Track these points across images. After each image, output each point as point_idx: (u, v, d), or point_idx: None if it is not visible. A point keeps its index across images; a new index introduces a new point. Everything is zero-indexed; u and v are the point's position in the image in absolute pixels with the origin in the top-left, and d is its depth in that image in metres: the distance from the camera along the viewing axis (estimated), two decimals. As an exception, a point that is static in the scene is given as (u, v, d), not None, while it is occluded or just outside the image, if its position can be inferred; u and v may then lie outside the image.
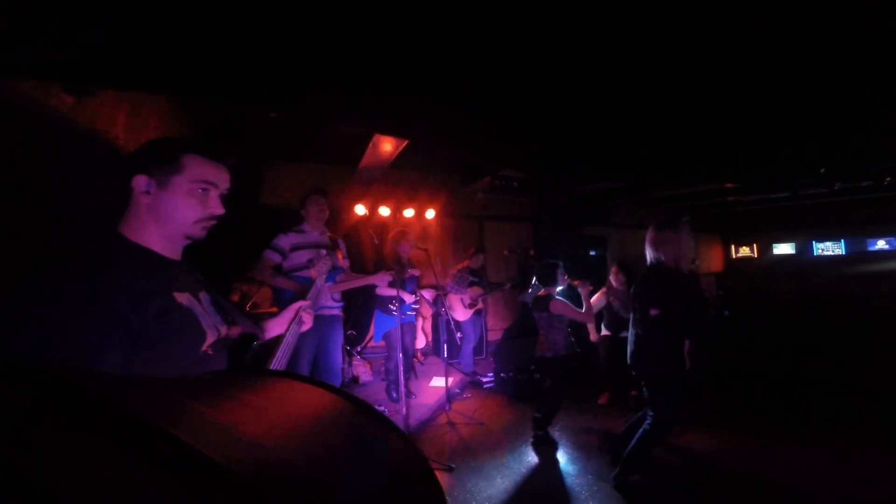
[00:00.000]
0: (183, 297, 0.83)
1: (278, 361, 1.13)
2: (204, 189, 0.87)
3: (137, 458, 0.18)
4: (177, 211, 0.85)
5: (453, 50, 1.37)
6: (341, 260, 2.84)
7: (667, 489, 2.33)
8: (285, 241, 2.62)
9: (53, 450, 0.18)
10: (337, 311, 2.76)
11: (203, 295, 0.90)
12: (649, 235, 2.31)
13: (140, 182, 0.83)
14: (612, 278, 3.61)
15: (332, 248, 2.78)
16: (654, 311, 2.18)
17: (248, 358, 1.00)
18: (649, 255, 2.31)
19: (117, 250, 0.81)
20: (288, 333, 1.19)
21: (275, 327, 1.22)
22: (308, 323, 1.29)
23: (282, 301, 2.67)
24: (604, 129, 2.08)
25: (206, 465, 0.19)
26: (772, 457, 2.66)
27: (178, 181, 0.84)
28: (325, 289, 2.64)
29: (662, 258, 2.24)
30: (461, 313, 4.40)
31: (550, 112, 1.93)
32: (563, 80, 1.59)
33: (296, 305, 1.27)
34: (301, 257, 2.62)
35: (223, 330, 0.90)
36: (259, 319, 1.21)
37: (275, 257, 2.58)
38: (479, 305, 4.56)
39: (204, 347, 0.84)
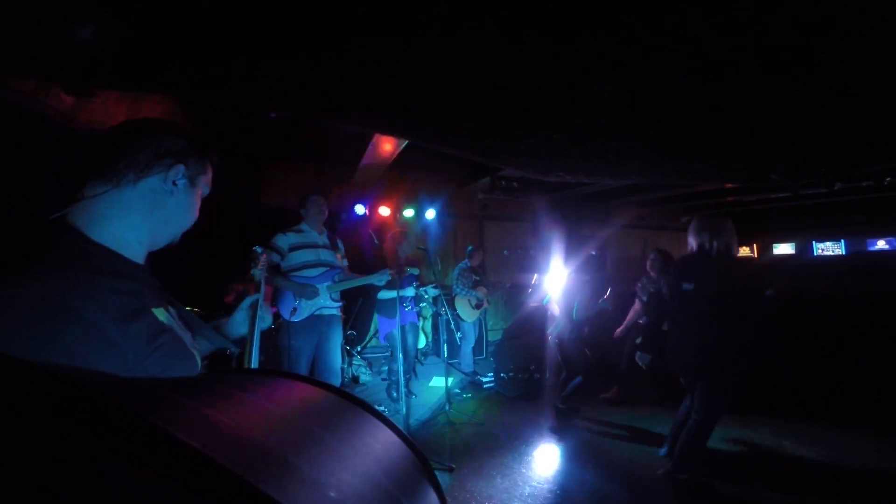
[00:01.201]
0: (160, 314, 0.65)
1: (250, 362, 1.09)
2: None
3: (134, 456, 0.18)
4: (188, 213, 0.73)
5: (453, 49, 1.37)
6: (340, 260, 2.84)
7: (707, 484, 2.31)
8: (284, 240, 2.62)
9: (48, 448, 0.18)
10: (336, 311, 2.76)
11: (171, 308, 0.73)
12: (703, 224, 2.27)
13: (178, 171, 0.69)
14: (648, 266, 3.64)
15: (332, 247, 2.79)
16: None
17: (233, 363, 0.95)
18: (707, 243, 2.23)
19: (80, 251, 0.59)
20: (253, 334, 1.11)
21: (234, 328, 1.09)
22: (268, 319, 1.17)
23: (281, 301, 2.67)
24: (604, 128, 2.08)
25: (206, 464, 0.19)
26: (778, 449, 2.67)
27: (202, 182, 0.75)
28: (324, 289, 2.65)
29: (724, 249, 2.20)
30: (468, 314, 4.42)
31: (552, 112, 1.93)
32: (564, 79, 1.59)
33: (248, 302, 1.13)
34: (300, 257, 2.63)
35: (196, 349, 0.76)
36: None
37: (273, 257, 2.57)
38: (486, 305, 4.58)
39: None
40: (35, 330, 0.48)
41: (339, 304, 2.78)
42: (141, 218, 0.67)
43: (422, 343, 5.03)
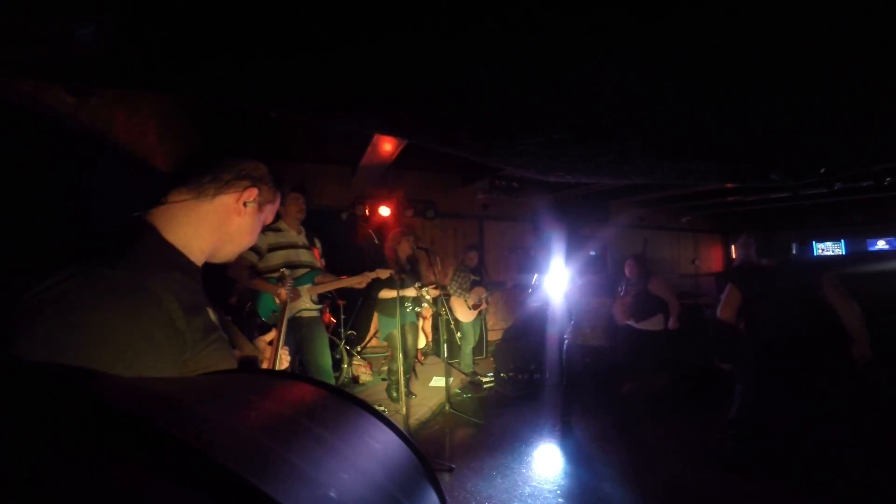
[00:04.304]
0: (211, 314, 0.71)
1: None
2: None
3: (135, 456, 0.18)
4: (248, 234, 0.80)
5: (454, 49, 1.37)
6: (318, 258, 2.79)
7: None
8: (262, 240, 2.50)
9: (50, 448, 0.18)
10: (317, 313, 2.68)
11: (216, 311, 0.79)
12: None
13: (252, 194, 0.77)
14: (627, 271, 3.79)
15: (309, 247, 2.72)
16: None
17: None
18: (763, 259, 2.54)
19: (157, 247, 0.66)
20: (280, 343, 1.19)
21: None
22: (286, 363, 1.24)
23: (259, 303, 2.61)
24: (605, 127, 2.08)
25: (207, 465, 0.19)
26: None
27: (269, 210, 0.84)
28: (304, 290, 2.58)
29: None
30: (464, 315, 4.40)
31: (552, 112, 1.93)
32: (564, 78, 1.59)
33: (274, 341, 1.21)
34: (278, 258, 2.53)
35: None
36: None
37: (251, 257, 2.46)
38: (483, 306, 4.56)
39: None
40: (121, 308, 0.54)
41: (319, 306, 2.71)
42: (209, 230, 0.73)
43: (422, 343, 5.04)
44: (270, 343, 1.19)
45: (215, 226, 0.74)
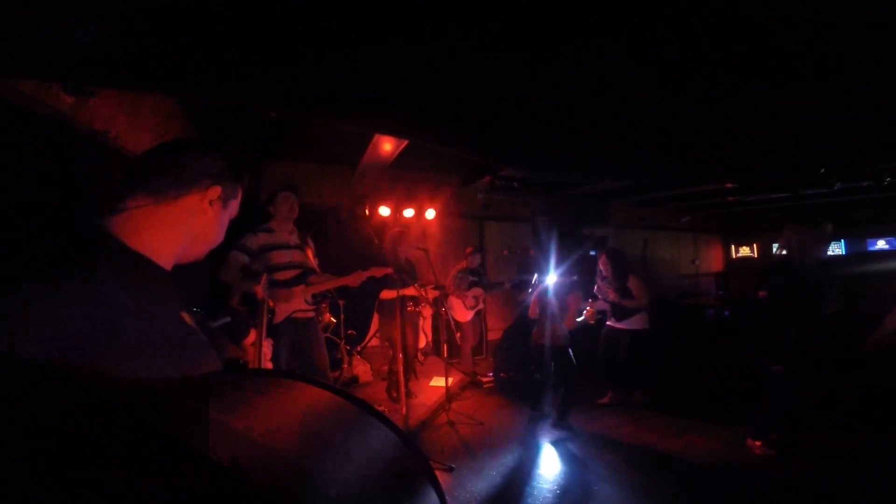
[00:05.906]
0: (187, 317, 0.68)
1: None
2: None
3: (139, 459, 0.18)
4: (217, 234, 0.77)
5: (455, 51, 1.37)
6: (311, 259, 2.76)
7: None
8: (254, 241, 2.46)
9: (54, 449, 0.18)
10: (311, 314, 2.65)
11: (191, 314, 0.75)
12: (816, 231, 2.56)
13: (216, 192, 0.73)
14: (601, 266, 3.69)
15: (302, 247, 2.69)
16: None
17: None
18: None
19: (119, 255, 0.63)
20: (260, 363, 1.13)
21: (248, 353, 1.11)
22: (269, 353, 1.20)
23: (252, 303, 2.54)
24: (604, 129, 2.08)
25: (205, 465, 0.19)
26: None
27: (234, 206, 0.79)
28: (297, 291, 2.55)
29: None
30: (462, 314, 4.41)
31: (550, 112, 1.93)
32: (566, 79, 1.59)
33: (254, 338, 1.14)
34: (270, 259, 2.49)
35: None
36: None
37: (242, 258, 2.41)
38: (480, 306, 4.56)
39: None
40: (88, 323, 0.50)
41: (315, 306, 2.68)
42: (175, 233, 0.70)
43: (421, 343, 5.03)
44: (254, 345, 1.16)
45: (182, 228, 0.71)
